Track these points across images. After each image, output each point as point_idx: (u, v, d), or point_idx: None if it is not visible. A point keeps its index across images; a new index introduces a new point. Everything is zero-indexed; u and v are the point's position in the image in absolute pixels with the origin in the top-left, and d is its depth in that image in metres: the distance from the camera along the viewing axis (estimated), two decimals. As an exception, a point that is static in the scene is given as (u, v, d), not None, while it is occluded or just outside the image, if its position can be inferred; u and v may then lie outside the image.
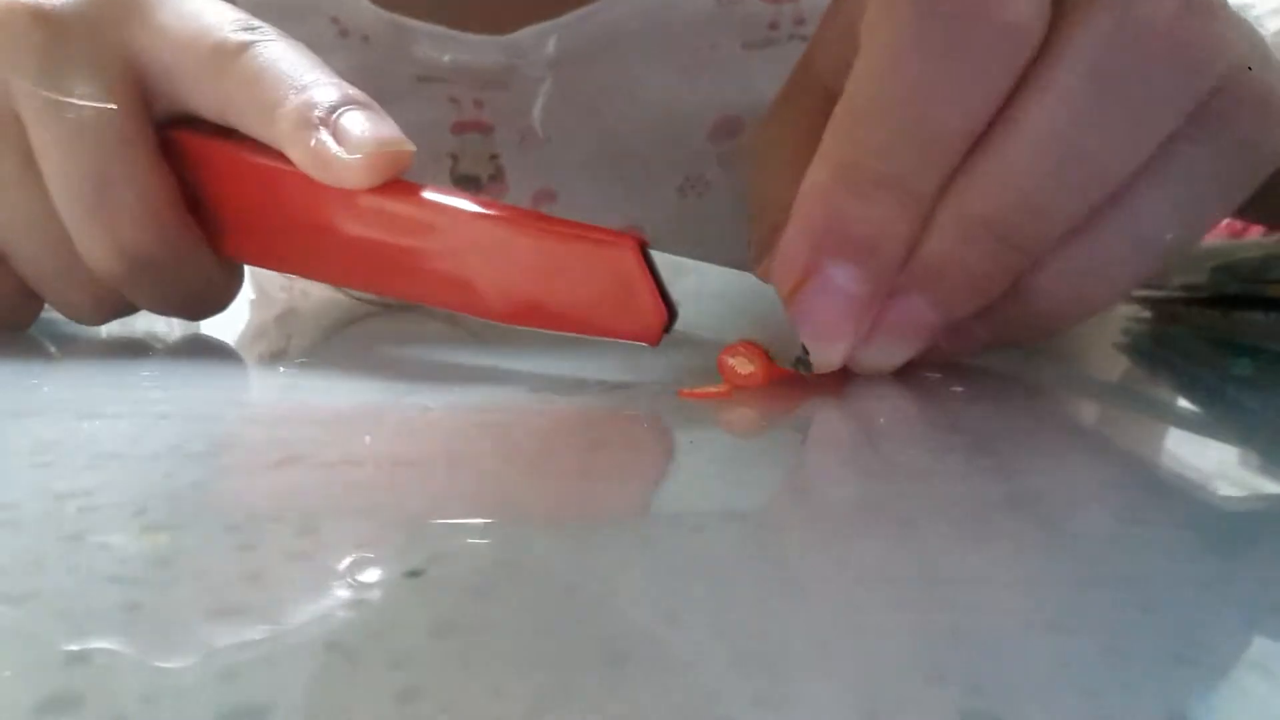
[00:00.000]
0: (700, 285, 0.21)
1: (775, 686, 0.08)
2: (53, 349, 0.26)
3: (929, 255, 0.19)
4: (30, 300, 0.26)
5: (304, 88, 0.22)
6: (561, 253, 0.21)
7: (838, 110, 0.19)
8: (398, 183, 0.22)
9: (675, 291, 0.21)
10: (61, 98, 0.23)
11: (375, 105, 0.23)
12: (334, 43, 0.35)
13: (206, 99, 0.24)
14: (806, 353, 0.20)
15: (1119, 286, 0.20)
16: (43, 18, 0.23)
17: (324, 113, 0.22)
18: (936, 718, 0.07)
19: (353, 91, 0.23)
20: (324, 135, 0.22)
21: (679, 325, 0.21)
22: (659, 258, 0.21)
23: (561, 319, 0.22)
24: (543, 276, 0.21)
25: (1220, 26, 0.18)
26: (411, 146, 0.23)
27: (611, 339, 0.22)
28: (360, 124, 0.22)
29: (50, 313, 0.28)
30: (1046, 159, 0.18)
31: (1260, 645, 0.09)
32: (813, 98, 0.24)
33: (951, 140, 0.18)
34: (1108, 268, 0.19)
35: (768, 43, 0.37)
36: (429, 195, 0.22)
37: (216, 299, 0.27)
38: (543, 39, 0.35)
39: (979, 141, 0.18)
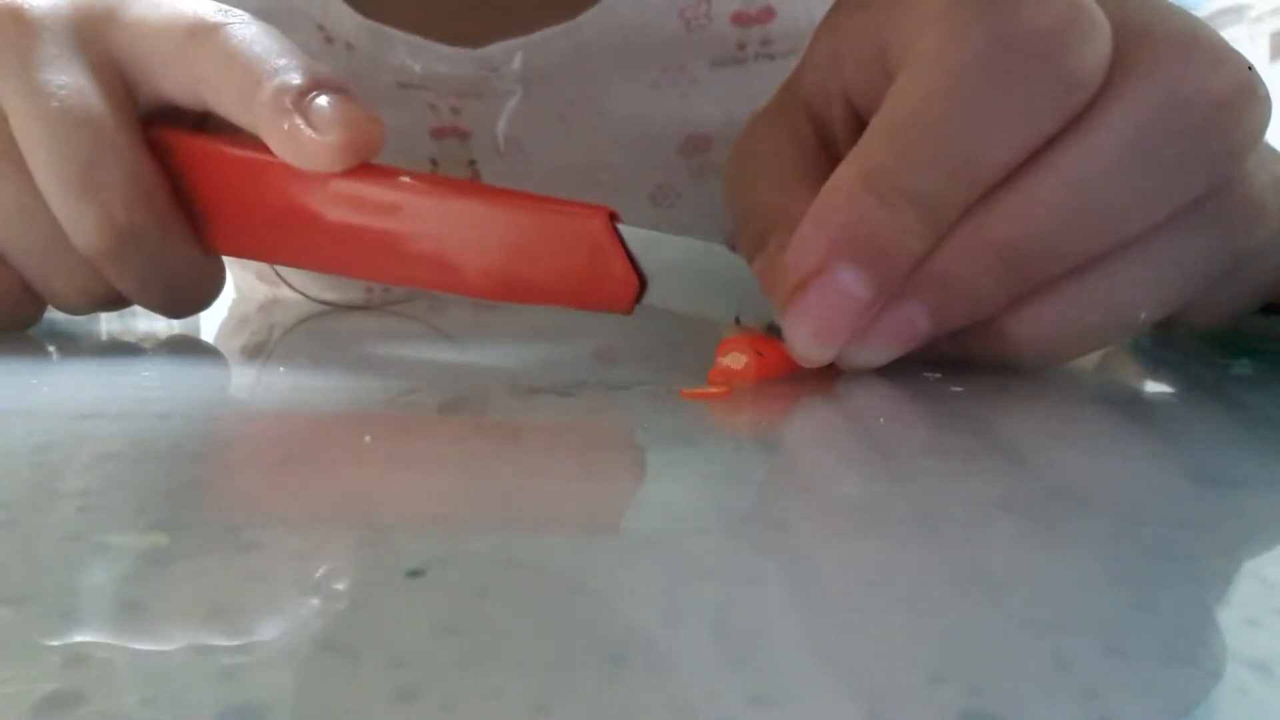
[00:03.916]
0: (673, 257, 0.22)
1: (775, 686, 0.08)
2: (53, 349, 0.26)
3: (936, 269, 0.19)
4: (33, 299, 0.26)
5: (277, 71, 0.23)
6: (534, 226, 0.22)
7: (879, 116, 0.19)
8: (372, 167, 0.23)
9: (647, 264, 0.22)
10: (45, 87, 0.23)
11: (348, 87, 0.23)
12: (319, 50, 0.36)
13: (180, 80, 0.24)
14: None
15: (1083, 348, 0.21)
16: (20, 18, 0.24)
17: (297, 97, 0.22)
18: (936, 718, 0.07)
19: (325, 75, 0.23)
20: (297, 120, 0.22)
21: (651, 297, 0.22)
22: (630, 231, 0.22)
23: (538, 291, 0.23)
24: (517, 250, 0.22)
25: (1259, 122, 0.19)
26: (381, 123, 0.23)
27: (587, 310, 0.23)
28: (332, 108, 0.23)
29: (50, 313, 0.28)
30: (1071, 206, 0.19)
31: (1260, 645, 0.09)
32: (796, 116, 0.24)
33: (988, 170, 0.19)
34: (1077, 329, 0.20)
35: (735, 62, 0.37)
36: (404, 178, 0.23)
37: (201, 291, 0.27)
38: (511, 54, 0.36)
39: (1010, 174, 0.19)
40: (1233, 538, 0.12)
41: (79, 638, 0.09)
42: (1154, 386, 0.25)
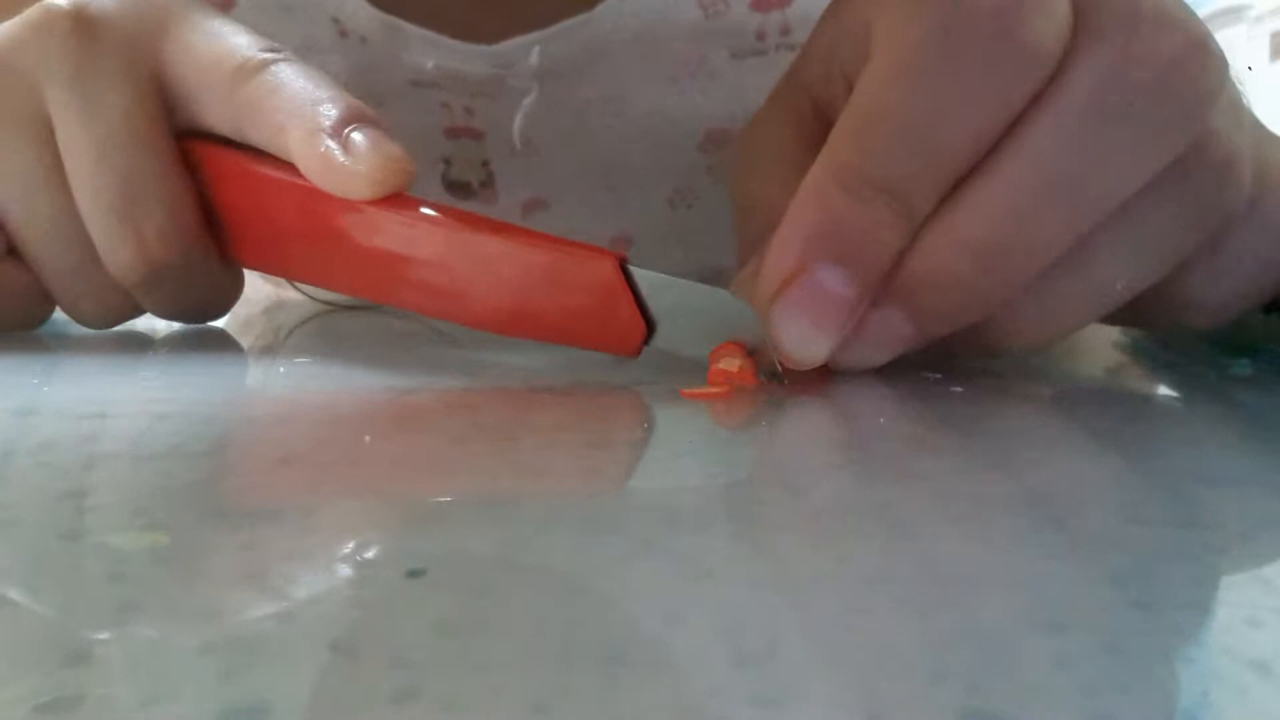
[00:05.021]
0: (680, 301, 0.22)
1: (775, 686, 0.08)
2: (53, 349, 0.26)
3: (912, 273, 0.19)
4: (42, 302, 0.26)
5: (318, 101, 0.23)
6: (545, 266, 0.22)
7: (845, 113, 0.19)
8: (395, 197, 0.23)
9: (656, 306, 0.22)
10: (94, 104, 0.23)
11: (386, 126, 0.23)
12: (334, 43, 0.36)
13: (223, 113, 0.24)
14: (782, 368, 0.20)
15: (1067, 326, 0.21)
16: (82, 23, 0.24)
17: (334, 124, 0.23)
18: (936, 718, 0.07)
19: (365, 111, 0.24)
20: (332, 144, 0.23)
21: (659, 340, 0.22)
22: (640, 274, 0.22)
23: (545, 330, 0.23)
24: (527, 289, 0.22)
25: (1215, 77, 0.18)
26: (413, 166, 0.23)
27: (594, 350, 0.23)
28: (369, 139, 0.23)
29: (53, 313, 0.28)
30: (1044, 188, 0.18)
31: (1260, 645, 0.09)
32: (799, 105, 0.24)
33: (955, 157, 0.18)
34: (1059, 307, 0.20)
35: (755, 53, 0.37)
36: (424, 210, 0.23)
37: (222, 304, 0.27)
38: (527, 50, 0.35)
39: (980, 162, 0.19)
40: (1233, 538, 0.12)
41: (79, 638, 0.09)
42: (1154, 387, 0.25)
